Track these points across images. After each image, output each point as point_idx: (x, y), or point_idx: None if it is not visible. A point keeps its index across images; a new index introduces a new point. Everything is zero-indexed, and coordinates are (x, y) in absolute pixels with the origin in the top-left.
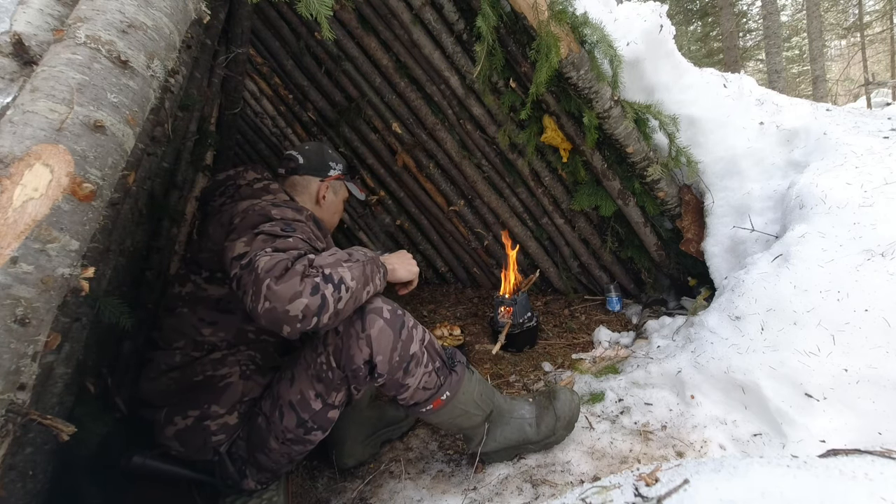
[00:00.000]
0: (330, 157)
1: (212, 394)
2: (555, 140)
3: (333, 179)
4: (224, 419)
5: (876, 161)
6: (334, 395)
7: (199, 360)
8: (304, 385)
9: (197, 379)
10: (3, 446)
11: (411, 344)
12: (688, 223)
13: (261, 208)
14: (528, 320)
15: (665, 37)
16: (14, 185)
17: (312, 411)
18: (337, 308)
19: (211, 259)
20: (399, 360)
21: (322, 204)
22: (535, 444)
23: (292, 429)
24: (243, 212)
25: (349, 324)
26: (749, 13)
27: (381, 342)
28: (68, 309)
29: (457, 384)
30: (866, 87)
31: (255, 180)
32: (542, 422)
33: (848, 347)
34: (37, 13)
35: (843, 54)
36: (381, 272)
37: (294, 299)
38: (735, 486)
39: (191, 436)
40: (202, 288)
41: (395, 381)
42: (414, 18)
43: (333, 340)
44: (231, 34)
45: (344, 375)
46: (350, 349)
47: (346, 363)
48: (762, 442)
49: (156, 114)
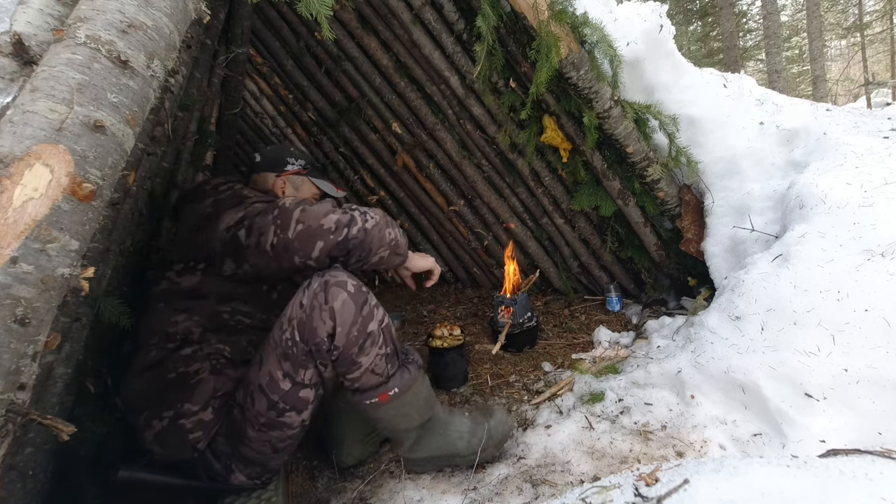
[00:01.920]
0: (289, 154)
1: (184, 392)
2: (555, 140)
3: (291, 174)
4: (199, 416)
5: (876, 161)
6: (302, 373)
7: (172, 357)
8: (272, 366)
9: (170, 376)
10: (3, 446)
11: (370, 322)
12: (688, 223)
13: (236, 191)
14: (528, 320)
15: (665, 37)
16: (14, 185)
17: (282, 391)
18: (365, 226)
19: (182, 249)
20: (357, 335)
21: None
22: (463, 459)
23: (264, 412)
24: (215, 202)
25: (313, 296)
26: (749, 13)
27: (343, 314)
28: (68, 309)
29: (408, 382)
30: (866, 87)
31: (220, 184)
32: (474, 437)
33: (848, 347)
34: (37, 13)
35: (843, 54)
36: (399, 229)
37: (327, 214)
38: (735, 486)
39: (169, 436)
40: (175, 282)
41: (349, 356)
42: (414, 18)
43: (298, 314)
44: (231, 34)
45: (308, 350)
46: (313, 321)
47: (310, 336)
48: (762, 442)
49: (156, 114)
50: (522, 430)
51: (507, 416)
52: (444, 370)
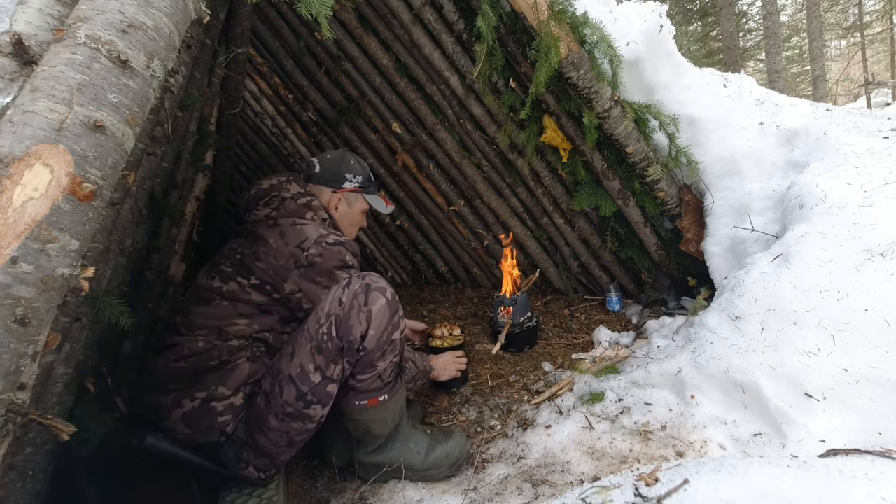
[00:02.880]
0: (348, 169)
1: (219, 375)
2: (555, 140)
3: (348, 192)
4: (230, 400)
5: (876, 161)
6: (332, 368)
7: (218, 348)
8: (304, 358)
9: (212, 363)
10: (3, 446)
11: (396, 331)
12: (688, 223)
13: (338, 252)
14: (528, 320)
15: (665, 37)
16: (14, 185)
17: (312, 384)
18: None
19: (268, 272)
20: (385, 340)
21: (336, 214)
22: (415, 473)
23: (292, 402)
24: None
25: (353, 296)
26: (749, 13)
27: (379, 319)
28: (68, 309)
29: (395, 391)
30: (866, 87)
31: (299, 195)
32: (430, 454)
33: (848, 347)
34: (37, 13)
35: (843, 54)
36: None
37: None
38: (735, 486)
39: (198, 417)
40: (246, 291)
41: (371, 359)
42: (414, 18)
43: (336, 311)
44: (231, 34)
45: (341, 346)
46: (350, 320)
47: (345, 333)
48: (762, 442)
49: (156, 114)
50: (522, 430)
51: (466, 440)
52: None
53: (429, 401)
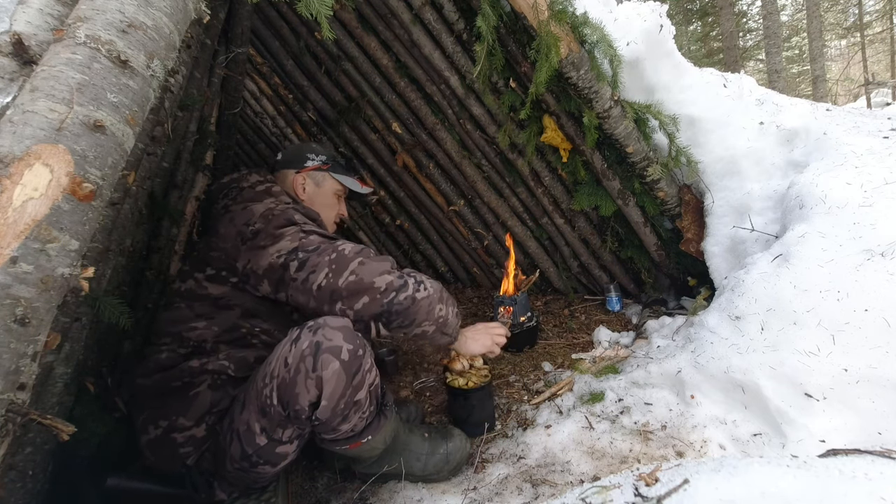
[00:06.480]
0: (309, 150)
1: (182, 404)
2: (555, 140)
3: (311, 170)
4: (191, 431)
5: (876, 161)
6: (280, 432)
7: (180, 365)
8: (251, 416)
9: (175, 384)
10: (3, 446)
11: (360, 390)
12: (688, 223)
13: (283, 211)
14: (528, 320)
15: (665, 37)
16: (14, 185)
17: (257, 446)
18: (415, 295)
19: (219, 258)
20: (343, 406)
21: (303, 197)
22: (416, 478)
23: (238, 459)
24: (263, 216)
25: (300, 358)
26: (749, 13)
27: (332, 386)
28: (68, 309)
29: (380, 428)
30: (866, 87)
31: (258, 182)
32: (430, 460)
33: (848, 347)
34: (37, 13)
35: (843, 54)
36: (454, 310)
37: (382, 274)
38: (735, 485)
39: (160, 447)
40: (202, 285)
41: (330, 426)
42: (414, 18)
43: (281, 373)
44: (231, 34)
45: (285, 415)
46: (296, 387)
47: (290, 401)
48: (762, 442)
49: (156, 114)
50: (522, 430)
51: (465, 441)
52: (469, 414)
53: (429, 400)
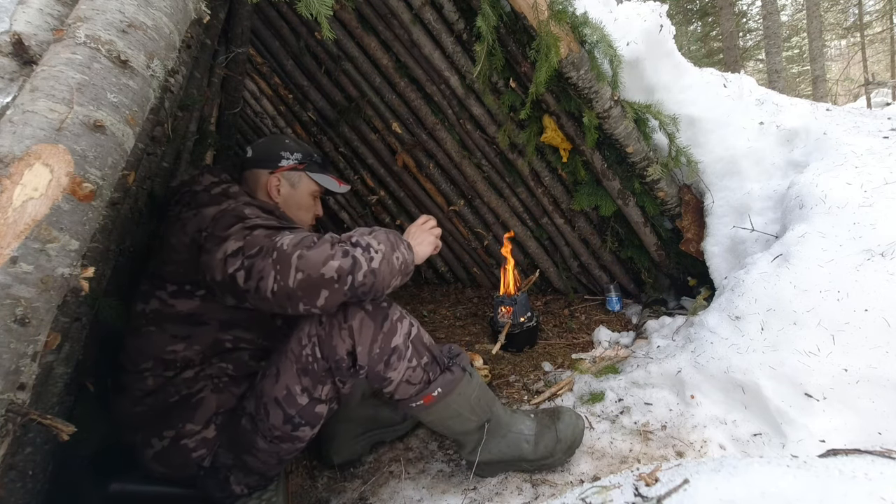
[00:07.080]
0: (282, 147)
1: (186, 412)
2: (555, 140)
3: (287, 170)
4: (201, 434)
5: (876, 161)
6: (320, 389)
7: (173, 381)
8: (290, 380)
9: (172, 400)
10: (3, 446)
11: (393, 337)
12: (688, 223)
13: (233, 209)
14: (528, 320)
15: (665, 37)
16: (14, 185)
17: (299, 406)
18: (371, 267)
19: (176, 272)
20: (380, 352)
21: (278, 199)
22: (530, 463)
23: (279, 426)
24: (214, 219)
25: (332, 315)
26: (749, 13)
27: (363, 333)
28: (68, 309)
29: (451, 383)
30: (866, 87)
31: (212, 185)
32: (541, 441)
33: (848, 347)
34: (37, 13)
35: (843, 54)
36: (404, 242)
37: (327, 262)
38: (735, 485)
39: (170, 456)
40: (168, 304)
41: (377, 373)
42: (414, 18)
43: (317, 331)
44: (231, 34)
45: (328, 367)
46: (332, 339)
47: (330, 354)
48: (762, 442)
49: (156, 114)
50: None
51: (577, 417)
52: None
53: None
